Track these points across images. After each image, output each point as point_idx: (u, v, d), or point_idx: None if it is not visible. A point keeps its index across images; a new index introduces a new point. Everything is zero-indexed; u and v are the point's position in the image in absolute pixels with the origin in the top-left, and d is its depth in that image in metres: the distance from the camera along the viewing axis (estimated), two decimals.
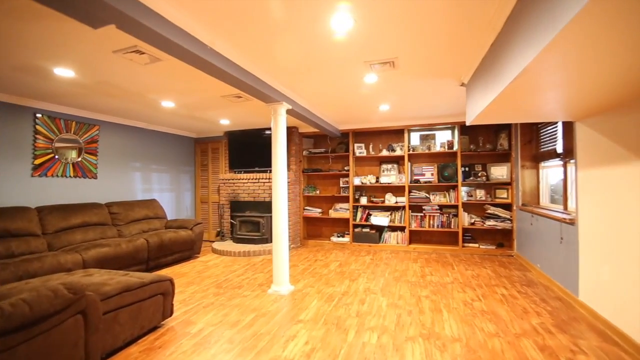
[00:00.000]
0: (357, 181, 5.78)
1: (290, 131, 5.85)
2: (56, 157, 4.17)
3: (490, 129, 5.32)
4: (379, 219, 5.54)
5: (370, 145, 5.84)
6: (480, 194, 5.26)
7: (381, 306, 3.03)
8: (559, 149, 3.78)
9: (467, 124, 3.24)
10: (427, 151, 5.42)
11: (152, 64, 2.74)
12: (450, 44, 2.46)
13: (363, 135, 6.02)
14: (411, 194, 5.48)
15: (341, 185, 6.03)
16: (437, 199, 5.41)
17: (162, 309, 2.62)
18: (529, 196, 4.58)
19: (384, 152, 5.66)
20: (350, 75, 3.13)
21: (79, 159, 4.44)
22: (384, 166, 5.80)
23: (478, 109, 2.86)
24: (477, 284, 3.64)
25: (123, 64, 2.76)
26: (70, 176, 4.33)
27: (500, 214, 5.04)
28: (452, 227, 5.30)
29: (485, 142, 5.29)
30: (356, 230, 5.73)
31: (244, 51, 2.57)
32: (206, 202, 6.57)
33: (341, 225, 6.15)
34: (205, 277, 4.01)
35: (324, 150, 6.06)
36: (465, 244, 5.20)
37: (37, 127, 3.97)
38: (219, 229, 6.20)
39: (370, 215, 5.66)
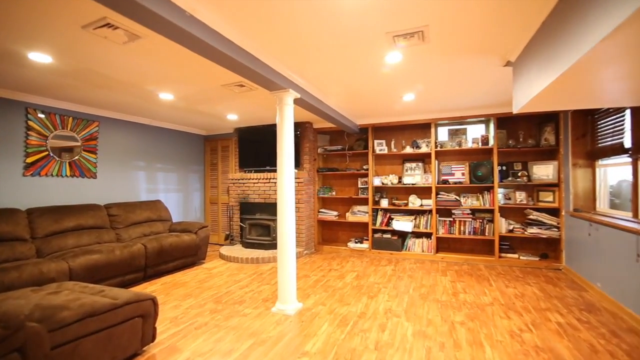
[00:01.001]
0: (377, 181, 5.22)
1: (304, 127, 5.36)
2: (51, 155, 3.88)
3: (532, 121, 4.61)
4: (402, 223, 4.95)
5: (392, 142, 5.26)
6: (520, 196, 4.56)
7: (406, 335, 2.48)
8: (627, 142, 3.08)
9: (515, 111, 2.62)
10: (457, 148, 4.78)
11: (132, 43, 2.32)
12: (497, 5, 1.88)
13: (384, 130, 5.44)
14: (439, 196, 4.85)
15: (359, 186, 5.48)
16: (469, 202, 4.75)
17: (140, 334, 2.19)
18: (582, 200, 3.86)
19: (408, 149, 5.06)
20: (368, 54, 2.60)
21: (77, 157, 4.15)
22: (408, 165, 5.20)
23: (531, 93, 2.25)
24: (522, 306, 3.01)
25: (99, 44, 2.36)
26: (66, 176, 4.04)
27: (545, 221, 4.33)
28: (486, 234, 4.64)
29: (527, 137, 4.59)
30: (376, 235, 5.16)
31: (237, 23, 2.10)
32: (216, 203, 6.20)
33: (359, 230, 5.60)
34: (205, 289, 3.59)
35: (341, 148, 5.53)
36: (503, 254, 4.52)
37: (29, 122, 3.69)
38: (227, 232, 5.81)
39: (392, 219, 5.08)
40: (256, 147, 5.57)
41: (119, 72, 2.96)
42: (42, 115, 3.79)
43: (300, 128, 5.34)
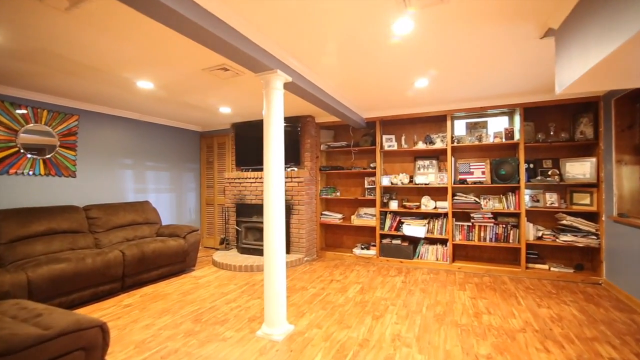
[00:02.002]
0: (385, 181, 4.70)
1: (305, 121, 4.89)
2: (22, 151, 3.51)
3: (565, 111, 4.01)
4: (413, 228, 4.42)
5: (403, 137, 4.72)
6: (550, 198, 3.97)
7: None
8: None
9: (558, 92, 2.08)
10: (476, 143, 4.22)
11: (76, 9, 1.88)
12: None
13: (393, 124, 4.91)
14: (455, 197, 4.30)
15: (366, 186, 4.97)
16: (491, 204, 4.19)
17: None
18: (628, 203, 3.26)
19: (420, 145, 4.52)
20: (372, 22, 2.10)
21: (52, 154, 3.77)
22: (420, 162, 4.66)
23: (586, 64, 1.71)
24: (562, 334, 2.45)
25: (39, 11, 1.93)
26: (40, 174, 3.67)
27: (581, 227, 3.73)
28: (510, 241, 4.06)
29: (559, 130, 3.99)
30: (384, 241, 4.64)
31: None
32: (212, 204, 5.79)
33: (366, 235, 5.08)
34: (187, 303, 3.15)
35: (346, 144, 5.03)
36: (530, 265, 3.94)
37: None
38: (223, 236, 5.39)
39: (402, 223, 4.55)
40: (253, 144, 5.12)
41: (83, 55, 2.54)
42: (11, 108, 3.42)
43: (301, 122, 4.87)
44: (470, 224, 4.24)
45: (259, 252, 4.72)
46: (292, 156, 4.84)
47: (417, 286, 3.59)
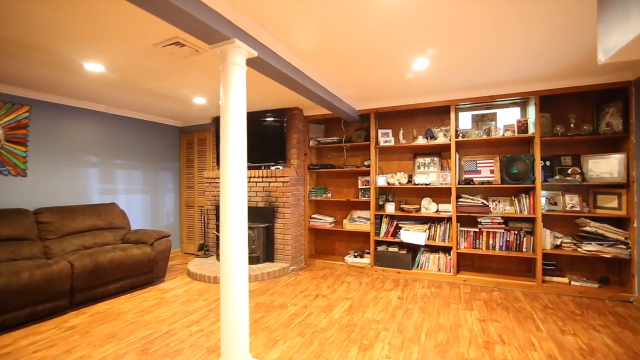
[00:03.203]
0: (381, 181, 4.18)
1: (291, 114, 4.38)
2: None
3: (588, 100, 3.48)
4: (412, 234, 3.90)
5: (401, 132, 4.20)
6: (571, 201, 3.44)
7: None
8: None
9: (602, 61, 1.54)
10: (484, 137, 3.69)
11: None
12: None
13: (390, 116, 4.39)
14: (460, 199, 3.77)
15: (360, 186, 4.45)
16: (500, 207, 3.66)
17: None
18: None
19: (420, 141, 4.00)
20: None
21: None
22: (420, 160, 4.14)
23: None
24: None
25: None
26: None
27: (608, 234, 3.19)
28: (523, 250, 3.54)
29: (580, 122, 3.46)
30: (379, 249, 4.12)
31: None
32: (192, 206, 5.29)
33: (360, 241, 4.57)
34: (141, 325, 2.65)
35: (337, 140, 4.51)
36: (547, 278, 3.41)
37: None
38: (201, 242, 4.89)
39: (400, 228, 4.03)
40: None
41: (12, 29, 2.05)
42: None
43: (286, 115, 4.36)
44: (477, 229, 3.72)
45: None
46: (277, 153, 4.33)
47: (415, 303, 3.07)
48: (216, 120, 4.79)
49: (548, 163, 3.54)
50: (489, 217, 3.67)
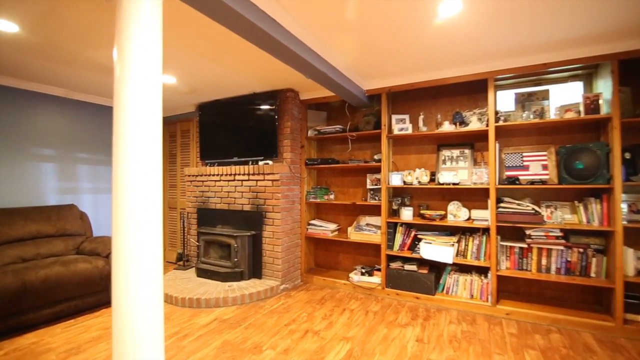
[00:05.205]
0: (395, 179, 3.29)
1: (284, 96, 3.56)
2: None
3: None
4: (436, 248, 2.99)
5: (421, 117, 3.29)
6: None
7: None
8: None
9: None
10: (535, 121, 2.74)
11: None
12: None
13: (406, 97, 3.49)
14: (501, 204, 2.83)
15: (369, 186, 3.58)
16: (558, 215, 2.70)
17: None
18: None
19: (446, 127, 3.09)
20: None
21: None
22: (446, 153, 3.23)
23: None
24: None
25: None
26: None
27: None
28: (591, 274, 2.57)
29: None
30: (392, 265, 3.24)
31: None
32: (175, 208, 4.59)
33: (369, 254, 3.69)
34: None
35: (341, 129, 3.65)
36: (630, 317, 2.43)
37: None
38: (179, 251, 4.17)
39: (420, 240, 3.14)
40: (220, 131, 3.86)
41: None
42: None
43: (278, 99, 3.55)
44: (524, 245, 2.77)
45: (218, 276, 3.45)
46: (265, 145, 3.53)
47: (441, 352, 2.18)
48: (200, 108, 4.04)
49: (628, 155, 2.55)
50: (541, 229, 2.71)
